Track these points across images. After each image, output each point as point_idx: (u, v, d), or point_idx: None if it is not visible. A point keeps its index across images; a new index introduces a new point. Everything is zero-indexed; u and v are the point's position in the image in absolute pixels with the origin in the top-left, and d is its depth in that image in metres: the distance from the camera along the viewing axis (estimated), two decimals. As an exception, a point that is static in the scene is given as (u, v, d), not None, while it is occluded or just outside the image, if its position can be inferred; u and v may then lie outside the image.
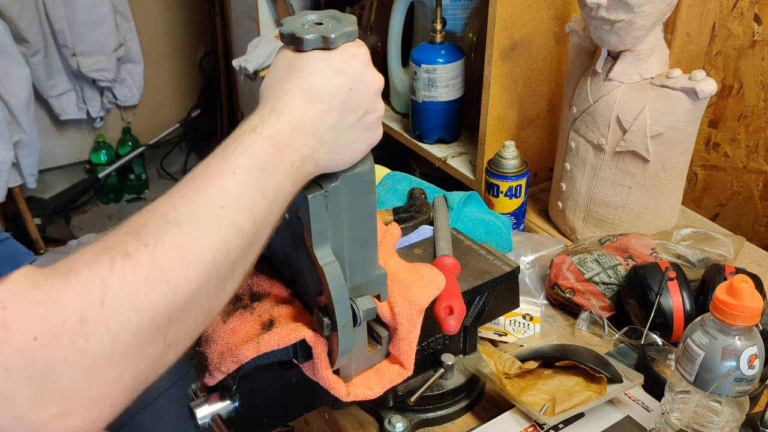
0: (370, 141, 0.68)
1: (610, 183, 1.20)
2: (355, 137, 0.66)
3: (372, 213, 0.73)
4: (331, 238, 0.70)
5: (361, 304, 0.74)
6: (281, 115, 0.60)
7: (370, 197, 0.72)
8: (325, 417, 0.97)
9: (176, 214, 0.52)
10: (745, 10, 1.30)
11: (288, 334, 0.74)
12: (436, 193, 1.21)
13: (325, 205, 0.68)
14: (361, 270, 0.75)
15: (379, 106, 0.68)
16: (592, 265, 1.09)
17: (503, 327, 1.08)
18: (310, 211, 0.67)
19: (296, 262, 0.76)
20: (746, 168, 1.39)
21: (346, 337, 0.73)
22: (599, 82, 1.16)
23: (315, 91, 0.62)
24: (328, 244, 0.70)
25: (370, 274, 0.76)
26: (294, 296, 0.81)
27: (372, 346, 0.81)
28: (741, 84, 1.35)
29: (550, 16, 1.30)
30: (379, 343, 0.82)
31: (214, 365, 0.75)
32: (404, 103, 1.62)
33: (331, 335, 0.74)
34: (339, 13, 0.66)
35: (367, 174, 0.70)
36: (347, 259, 0.72)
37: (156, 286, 0.48)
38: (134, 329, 0.47)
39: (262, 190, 0.57)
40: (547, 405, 0.87)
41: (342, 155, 0.65)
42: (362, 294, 0.75)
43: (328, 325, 0.72)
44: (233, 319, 0.77)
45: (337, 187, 0.68)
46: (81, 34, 2.53)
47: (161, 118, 3.02)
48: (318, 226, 0.68)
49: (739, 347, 0.72)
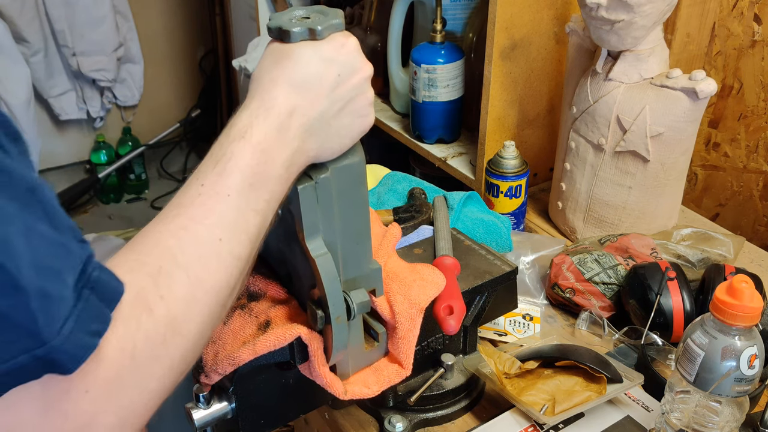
0: (361, 127, 0.67)
1: (610, 183, 1.20)
2: (345, 124, 0.66)
3: (364, 205, 0.73)
4: (323, 231, 0.70)
5: (355, 297, 0.73)
6: (270, 111, 0.61)
7: (362, 189, 0.71)
8: (325, 417, 0.97)
9: (182, 255, 0.54)
10: (745, 10, 1.30)
11: (283, 334, 0.74)
12: (436, 193, 1.21)
13: (316, 196, 0.67)
14: (355, 264, 0.74)
15: (368, 91, 0.67)
16: (592, 265, 1.09)
17: (503, 327, 1.08)
18: (300, 203, 0.67)
19: (290, 257, 0.76)
20: (746, 168, 1.39)
21: (340, 330, 0.73)
22: (599, 82, 1.16)
23: (303, 79, 0.62)
24: (320, 237, 0.70)
25: (364, 268, 0.75)
26: (290, 296, 0.81)
27: (369, 344, 0.81)
28: (741, 84, 1.35)
29: (550, 16, 1.30)
30: (376, 340, 0.81)
31: (210, 366, 0.75)
32: (404, 103, 1.62)
33: (325, 329, 0.73)
34: (326, 8, 0.66)
35: (358, 166, 0.70)
36: (340, 252, 0.72)
37: (172, 339, 0.52)
38: (157, 377, 0.52)
39: (255, 207, 0.59)
40: (547, 405, 0.87)
41: (332, 143, 0.65)
42: (356, 288, 0.75)
43: (322, 318, 0.71)
44: (231, 320, 0.77)
45: (327, 179, 0.67)
46: (81, 34, 2.53)
47: (161, 118, 3.02)
48: (309, 218, 0.68)
49: (739, 347, 0.72)
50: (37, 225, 0.44)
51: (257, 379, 0.79)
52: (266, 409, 0.82)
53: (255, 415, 0.81)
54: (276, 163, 0.60)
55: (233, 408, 0.78)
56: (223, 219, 0.57)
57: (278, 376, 0.81)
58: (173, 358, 0.53)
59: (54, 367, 0.44)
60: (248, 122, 0.60)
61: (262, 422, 0.82)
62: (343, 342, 0.74)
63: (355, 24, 1.75)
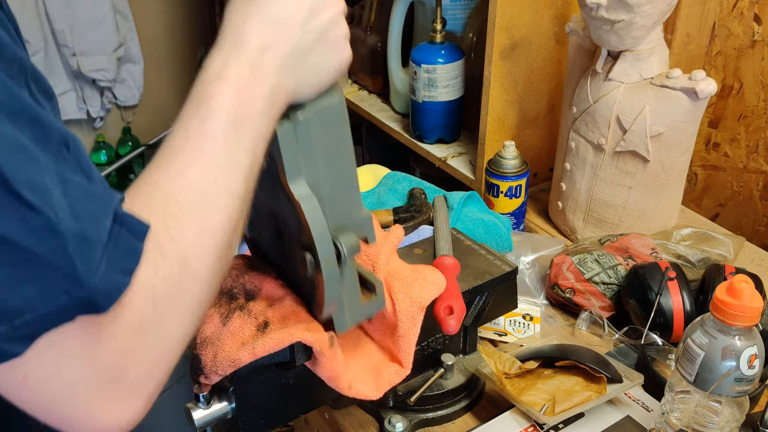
0: (337, 62, 0.66)
1: (610, 183, 1.20)
2: (321, 58, 0.65)
3: (348, 150, 0.70)
4: (306, 175, 0.68)
5: (344, 240, 0.71)
6: (242, 48, 0.61)
7: (344, 132, 0.69)
8: (325, 417, 0.97)
9: (183, 198, 0.55)
10: (745, 10, 1.30)
11: (282, 339, 0.74)
12: (436, 193, 1.21)
13: (295, 136, 0.66)
14: (342, 210, 0.72)
15: (342, 24, 0.66)
16: (592, 265, 1.09)
17: (503, 327, 1.08)
18: (279, 144, 0.65)
19: (278, 210, 0.74)
20: (746, 168, 1.39)
21: (331, 275, 0.70)
22: (599, 82, 1.16)
23: (274, 15, 0.62)
24: (304, 180, 0.68)
25: (353, 216, 0.73)
26: (287, 291, 0.81)
27: (366, 296, 0.77)
28: (741, 84, 1.35)
29: (550, 16, 1.30)
30: (373, 292, 0.77)
31: (209, 368, 0.75)
32: (404, 103, 1.62)
33: (316, 278, 0.71)
34: None
35: (338, 107, 0.68)
36: (327, 198, 0.70)
37: (187, 281, 0.53)
38: (177, 323, 0.53)
39: (243, 146, 0.59)
40: (547, 405, 0.87)
41: (309, 78, 0.65)
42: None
43: (312, 262, 0.69)
44: (230, 321, 0.77)
45: (306, 120, 0.66)
46: (81, 34, 2.53)
47: (161, 118, 3.02)
48: (289, 159, 0.66)
49: (739, 347, 0.72)
50: (72, 175, 0.47)
51: (257, 379, 0.79)
52: (266, 409, 0.82)
53: (255, 415, 0.81)
54: (256, 100, 0.60)
55: (233, 408, 0.78)
56: (214, 161, 0.57)
57: (278, 376, 0.81)
58: (190, 302, 0.54)
59: (90, 307, 0.46)
60: (222, 62, 0.60)
61: (262, 422, 0.82)
62: (335, 289, 0.71)
63: (355, 24, 1.75)
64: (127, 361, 0.50)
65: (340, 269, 0.71)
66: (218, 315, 0.79)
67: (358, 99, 1.73)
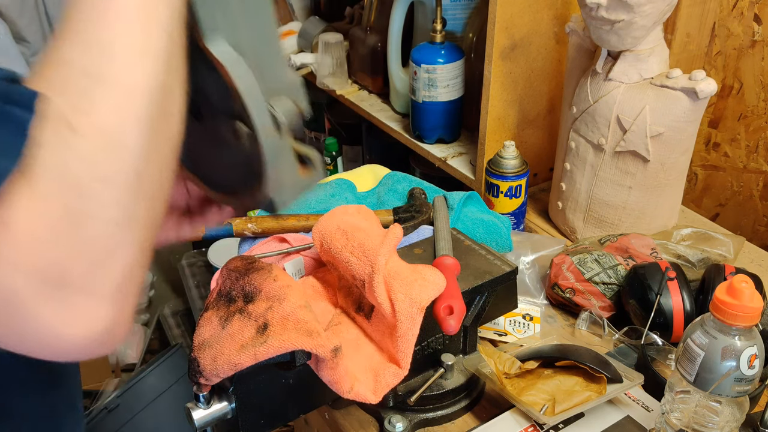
0: None
1: (610, 183, 1.20)
2: None
3: (267, 4, 0.64)
4: (225, 33, 0.62)
5: (277, 106, 0.65)
6: None
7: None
8: (325, 417, 0.97)
9: (92, 65, 0.48)
10: (745, 10, 1.30)
11: (283, 344, 0.74)
12: (436, 193, 1.21)
13: None
14: (270, 71, 0.65)
15: None
16: (592, 265, 1.09)
17: (503, 327, 1.08)
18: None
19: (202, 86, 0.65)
20: (746, 168, 1.39)
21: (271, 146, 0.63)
22: (599, 82, 1.16)
23: None
24: (224, 40, 0.62)
25: (281, 78, 0.66)
26: (286, 287, 0.81)
27: (305, 169, 0.70)
28: (741, 84, 1.35)
29: (550, 16, 1.30)
30: (310, 164, 0.70)
31: (209, 371, 0.75)
32: (404, 103, 1.62)
33: (253, 150, 0.64)
34: None
35: None
36: (251, 58, 0.63)
37: (115, 154, 0.47)
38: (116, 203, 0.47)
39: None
40: (547, 405, 0.87)
41: None
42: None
43: (249, 134, 0.63)
44: (230, 324, 0.77)
45: None
46: (81, 34, 2.53)
47: (161, 118, 3.02)
48: (204, 12, 0.60)
49: (739, 347, 0.72)
50: None
51: (257, 379, 0.79)
52: (266, 409, 0.82)
53: (255, 415, 0.81)
54: None
55: (233, 408, 0.78)
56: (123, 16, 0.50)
57: (278, 376, 0.81)
58: (126, 178, 0.47)
59: None
60: None
61: (262, 422, 0.82)
62: (276, 163, 0.64)
63: (355, 24, 1.75)
64: (62, 256, 0.43)
65: (279, 134, 0.64)
66: (216, 318, 0.79)
67: (358, 99, 1.73)
